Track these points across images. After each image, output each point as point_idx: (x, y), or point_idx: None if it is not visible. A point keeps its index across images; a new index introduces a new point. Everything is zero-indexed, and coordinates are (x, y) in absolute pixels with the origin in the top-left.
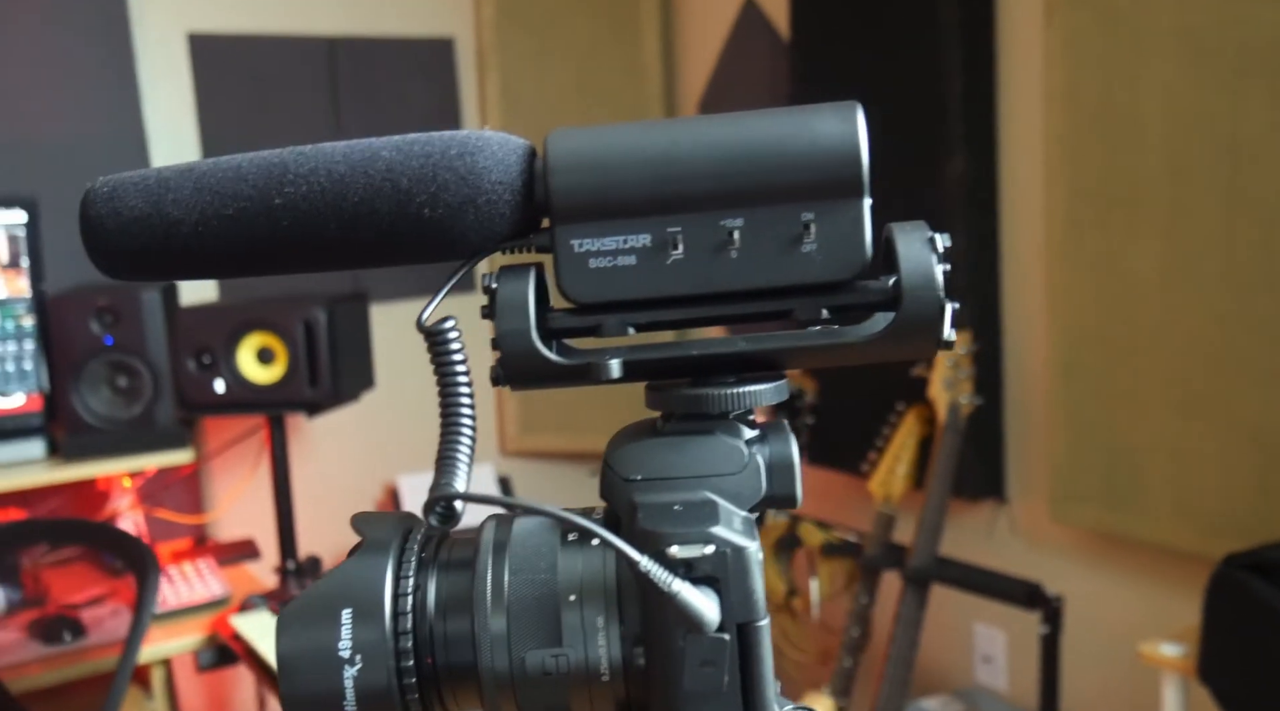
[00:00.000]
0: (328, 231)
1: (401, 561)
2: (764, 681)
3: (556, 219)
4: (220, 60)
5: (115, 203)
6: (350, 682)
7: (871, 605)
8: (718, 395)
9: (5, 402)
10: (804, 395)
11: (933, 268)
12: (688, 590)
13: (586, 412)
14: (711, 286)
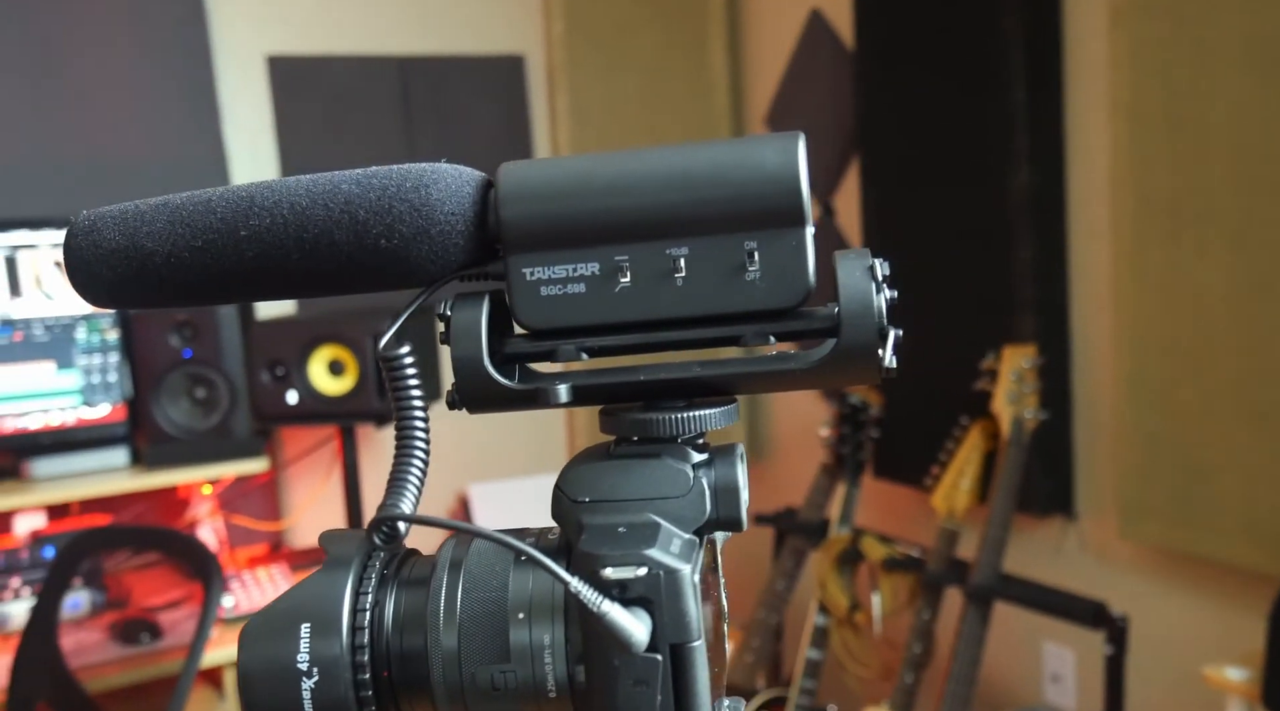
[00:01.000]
0: (290, 261)
1: (363, 578)
2: (698, 702)
3: (508, 248)
4: (297, 81)
5: (95, 235)
6: (308, 695)
7: (934, 621)
8: (663, 419)
9: (92, 413)
10: (868, 408)
11: (870, 295)
12: (617, 611)
13: None
14: (659, 313)
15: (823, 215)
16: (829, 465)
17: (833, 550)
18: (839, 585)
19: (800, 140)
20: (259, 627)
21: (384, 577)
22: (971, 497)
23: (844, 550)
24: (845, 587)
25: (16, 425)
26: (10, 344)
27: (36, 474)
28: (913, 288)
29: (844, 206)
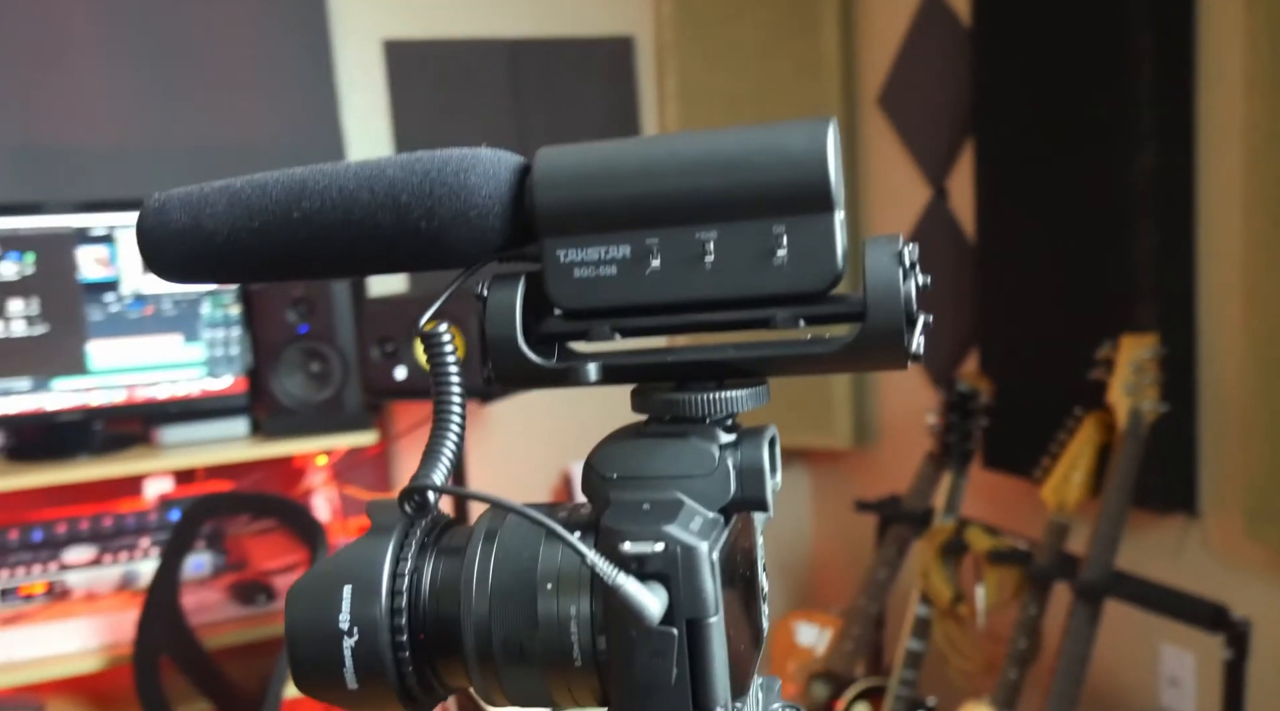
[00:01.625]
0: (338, 242)
1: (404, 544)
2: (713, 677)
3: (543, 231)
4: (412, 65)
5: (163, 216)
6: (348, 653)
7: (1041, 616)
8: (690, 400)
9: (215, 384)
10: (979, 396)
11: (896, 281)
12: (631, 584)
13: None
14: (688, 295)
15: (935, 198)
16: (935, 453)
17: (937, 539)
18: (942, 576)
19: (831, 125)
20: (305, 588)
21: (424, 545)
22: (1084, 491)
23: (948, 540)
24: (949, 578)
25: (147, 394)
26: (142, 317)
27: (165, 441)
28: (1027, 274)
29: (957, 189)
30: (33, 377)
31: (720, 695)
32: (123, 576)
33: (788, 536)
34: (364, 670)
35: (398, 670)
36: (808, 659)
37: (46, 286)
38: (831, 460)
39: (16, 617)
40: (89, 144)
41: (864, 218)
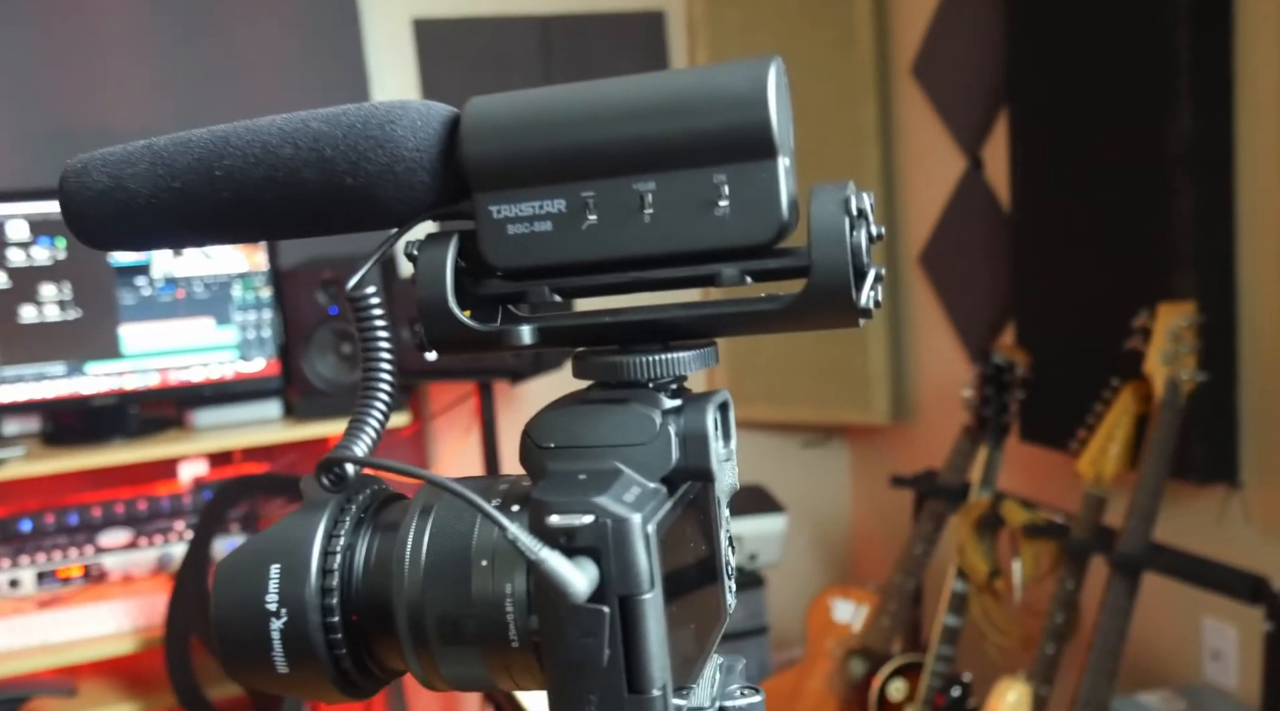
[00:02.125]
0: (263, 201)
1: (338, 520)
2: (648, 657)
3: (475, 186)
4: (442, 43)
5: (84, 177)
6: (277, 635)
7: (1078, 591)
8: (629, 363)
9: (248, 367)
10: (1014, 368)
11: (842, 230)
12: (555, 559)
13: (797, 383)
14: (627, 250)
15: (970, 168)
16: (971, 427)
17: (972, 514)
18: (978, 550)
19: (773, 65)
20: (232, 567)
21: (360, 521)
22: (1121, 463)
23: (984, 514)
24: (985, 553)
25: (180, 378)
26: (174, 301)
27: (199, 424)
28: (1063, 243)
29: (993, 159)
30: (67, 362)
31: (657, 676)
32: (158, 559)
33: (827, 513)
34: (294, 653)
35: (330, 653)
36: (845, 635)
37: (78, 271)
38: (869, 436)
39: (53, 600)
40: (119, 128)
41: (899, 189)
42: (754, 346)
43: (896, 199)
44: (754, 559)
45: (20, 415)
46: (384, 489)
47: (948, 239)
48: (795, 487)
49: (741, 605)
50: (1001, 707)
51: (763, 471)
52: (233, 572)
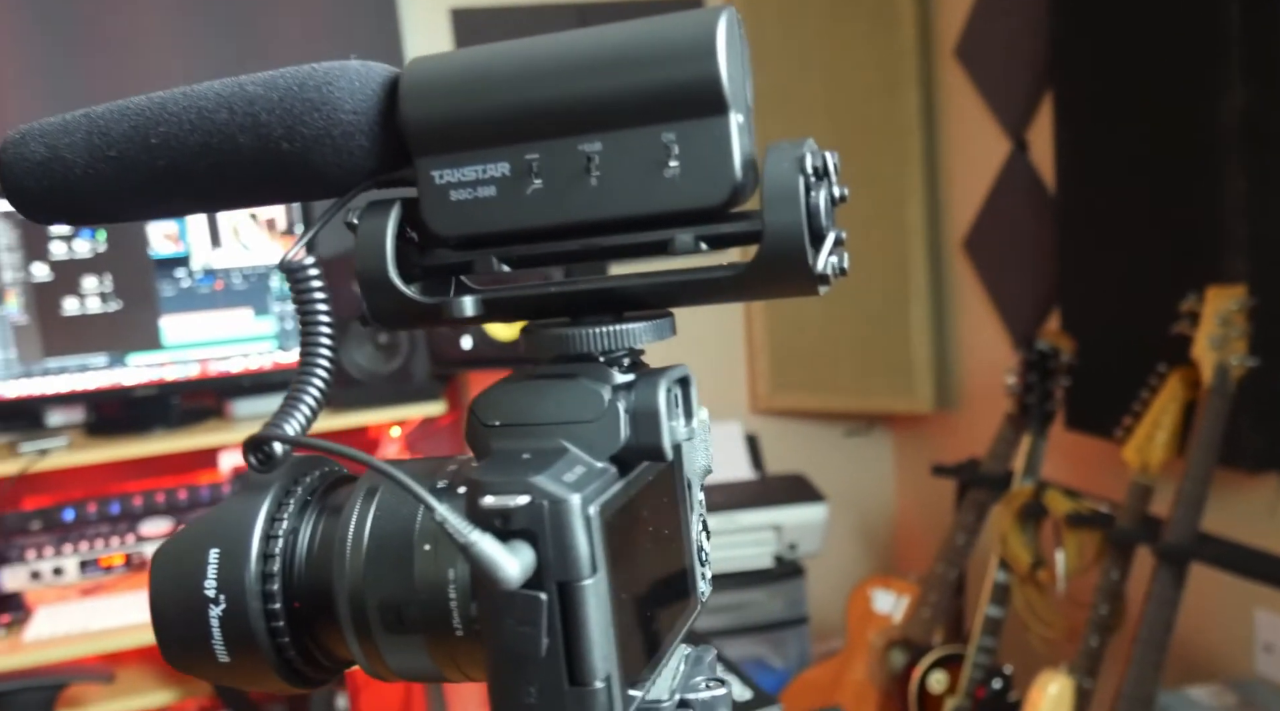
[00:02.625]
0: (199, 170)
1: (282, 503)
2: (589, 647)
3: (416, 150)
4: (479, 33)
5: (22, 148)
6: (216, 623)
7: (1123, 582)
8: (575, 335)
9: (286, 357)
10: (1059, 354)
11: (796, 190)
12: (486, 542)
13: (839, 371)
14: (574, 216)
15: (1015, 151)
16: (1014, 415)
17: (1014, 503)
18: (1021, 540)
19: (724, 15)
20: (170, 551)
21: (305, 504)
22: (1168, 451)
23: (1026, 504)
24: (1028, 543)
25: (220, 368)
26: (212, 292)
27: (238, 414)
28: (1110, 226)
29: (1038, 141)
30: (109, 353)
31: (599, 667)
32: None
33: (869, 503)
34: (234, 642)
35: (272, 641)
36: (885, 626)
37: (119, 263)
38: (913, 424)
39: (95, 588)
40: None
41: (942, 174)
42: (795, 333)
43: (940, 184)
44: (794, 548)
45: (64, 406)
46: (335, 471)
47: (992, 224)
48: (837, 477)
49: (781, 595)
50: (1043, 700)
51: (804, 460)
52: (171, 558)
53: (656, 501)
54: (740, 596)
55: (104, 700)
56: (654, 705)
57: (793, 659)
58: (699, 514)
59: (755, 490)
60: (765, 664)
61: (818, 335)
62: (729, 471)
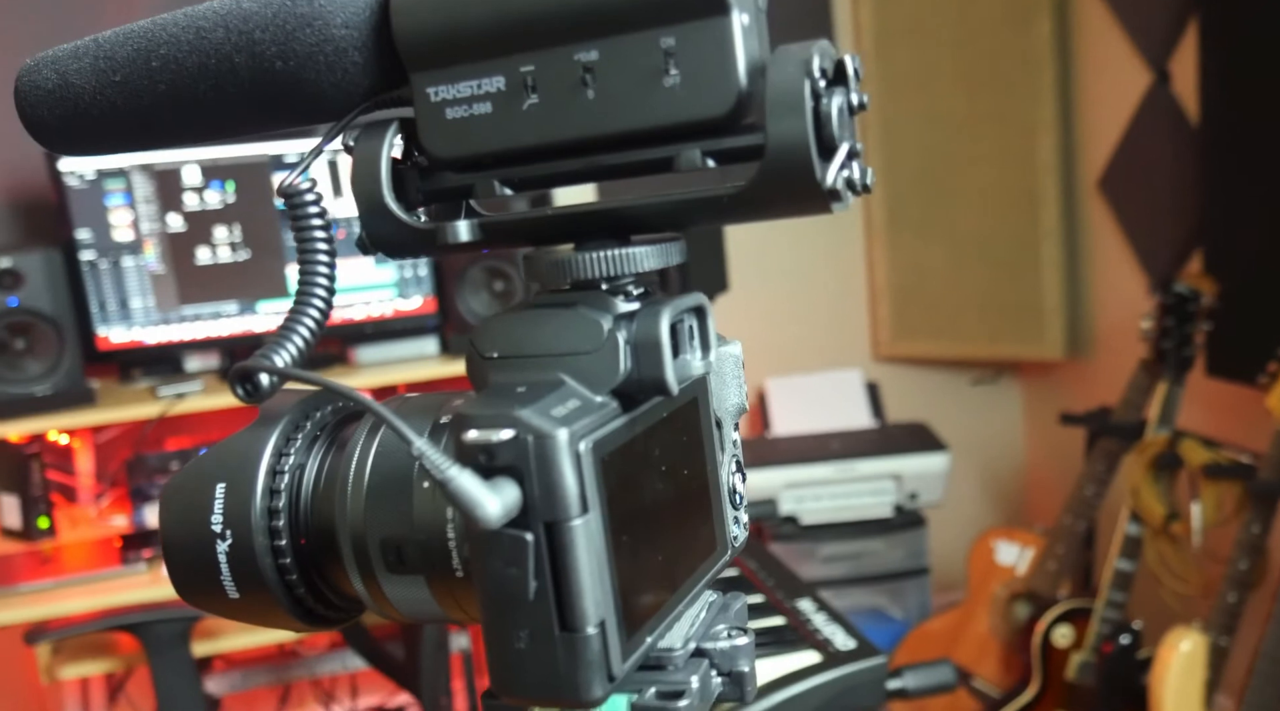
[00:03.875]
0: (199, 92)
1: (290, 437)
2: (579, 591)
3: (410, 65)
4: None
5: (35, 76)
6: (223, 558)
7: (1265, 535)
8: (573, 261)
9: (405, 305)
10: (1200, 298)
11: (801, 96)
12: (466, 479)
13: (965, 317)
14: (572, 133)
15: (1156, 82)
16: (1149, 361)
17: (1148, 453)
18: (1154, 492)
19: None
20: (179, 486)
21: (315, 438)
22: None
23: (1161, 454)
24: (1162, 495)
25: (343, 315)
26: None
27: (361, 360)
28: (1260, 162)
29: (1181, 72)
30: (239, 301)
31: (590, 612)
32: None
33: (996, 453)
34: (242, 578)
35: (280, 578)
36: (1009, 578)
37: (247, 213)
38: (1043, 372)
39: None
40: None
41: (1076, 110)
42: (918, 278)
43: (1074, 119)
44: (914, 498)
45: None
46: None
47: (1130, 161)
48: (962, 426)
49: (900, 545)
50: (1174, 657)
51: (927, 409)
52: (179, 491)
53: (672, 439)
54: (858, 546)
55: (235, 632)
56: (664, 653)
57: (912, 610)
58: (731, 454)
59: (874, 439)
60: (884, 614)
61: (942, 280)
62: (848, 419)
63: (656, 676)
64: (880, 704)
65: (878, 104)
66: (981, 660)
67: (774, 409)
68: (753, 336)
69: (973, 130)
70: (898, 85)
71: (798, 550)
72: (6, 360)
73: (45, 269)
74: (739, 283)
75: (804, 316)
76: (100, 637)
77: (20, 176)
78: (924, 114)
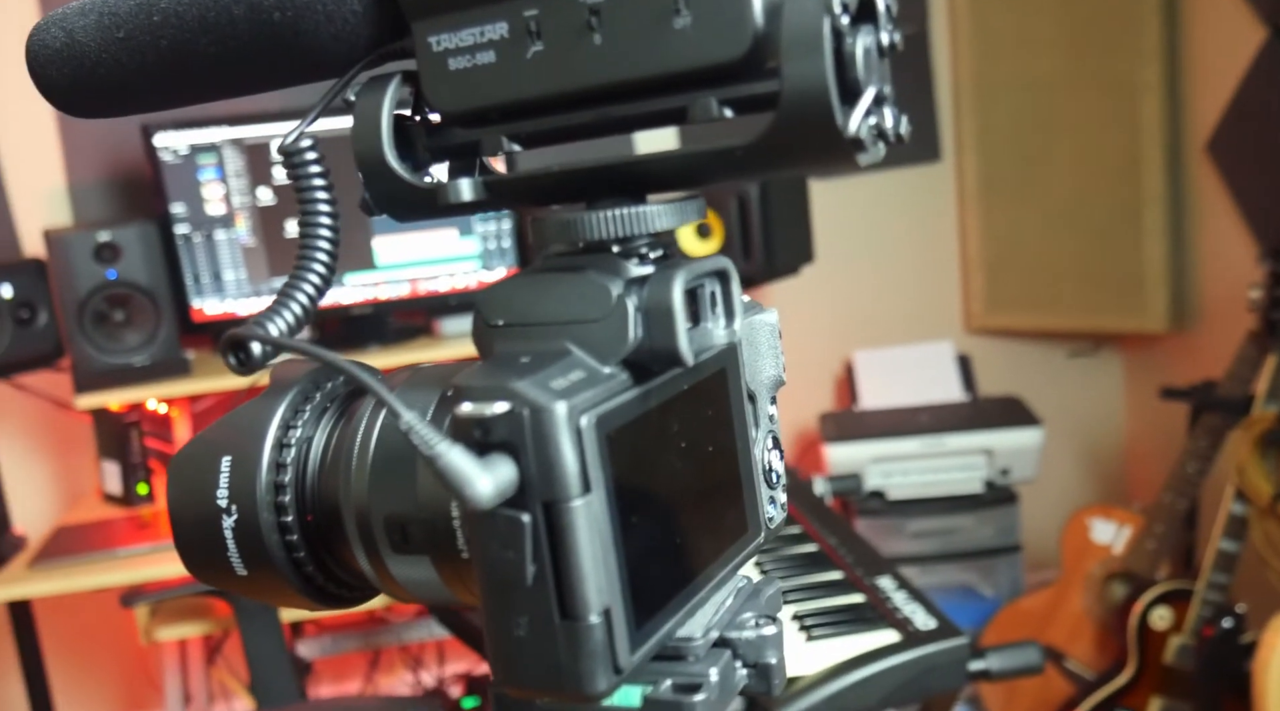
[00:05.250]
0: (202, 48)
1: (299, 409)
2: (580, 576)
3: (409, 11)
4: None
5: (44, 35)
6: (229, 534)
7: None
8: (581, 221)
9: (490, 276)
10: None
11: (818, 36)
12: (456, 455)
13: (1062, 287)
14: (579, 82)
15: (1271, 38)
16: (1258, 333)
17: (1255, 430)
18: (1261, 470)
19: None
20: (185, 459)
21: (324, 410)
22: None
23: (1269, 430)
24: (1270, 473)
25: (429, 287)
26: None
27: (446, 331)
28: None
29: None
30: None
31: (592, 599)
32: None
33: (1095, 429)
34: (249, 555)
35: (288, 556)
36: (1105, 557)
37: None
38: (1146, 345)
39: None
40: None
41: (1184, 68)
42: (1013, 247)
43: (1181, 79)
44: (1006, 474)
45: None
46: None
47: (1242, 122)
48: (1059, 401)
49: (991, 521)
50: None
51: (1022, 383)
52: (185, 464)
53: (694, 414)
54: (947, 521)
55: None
56: (683, 643)
57: (1004, 588)
58: (767, 430)
59: (965, 412)
60: (974, 591)
61: (1038, 248)
62: (938, 393)
63: (673, 667)
64: (961, 685)
65: (972, 66)
66: (1075, 640)
67: (862, 382)
68: (839, 308)
69: (1072, 93)
70: (993, 46)
71: (885, 525)
72: (106, 331)
73: (142, 242)
74: (824, 252)
75: (893, 287)
76: (196, 601)
77: (118, 153)
78: (1020, 76)
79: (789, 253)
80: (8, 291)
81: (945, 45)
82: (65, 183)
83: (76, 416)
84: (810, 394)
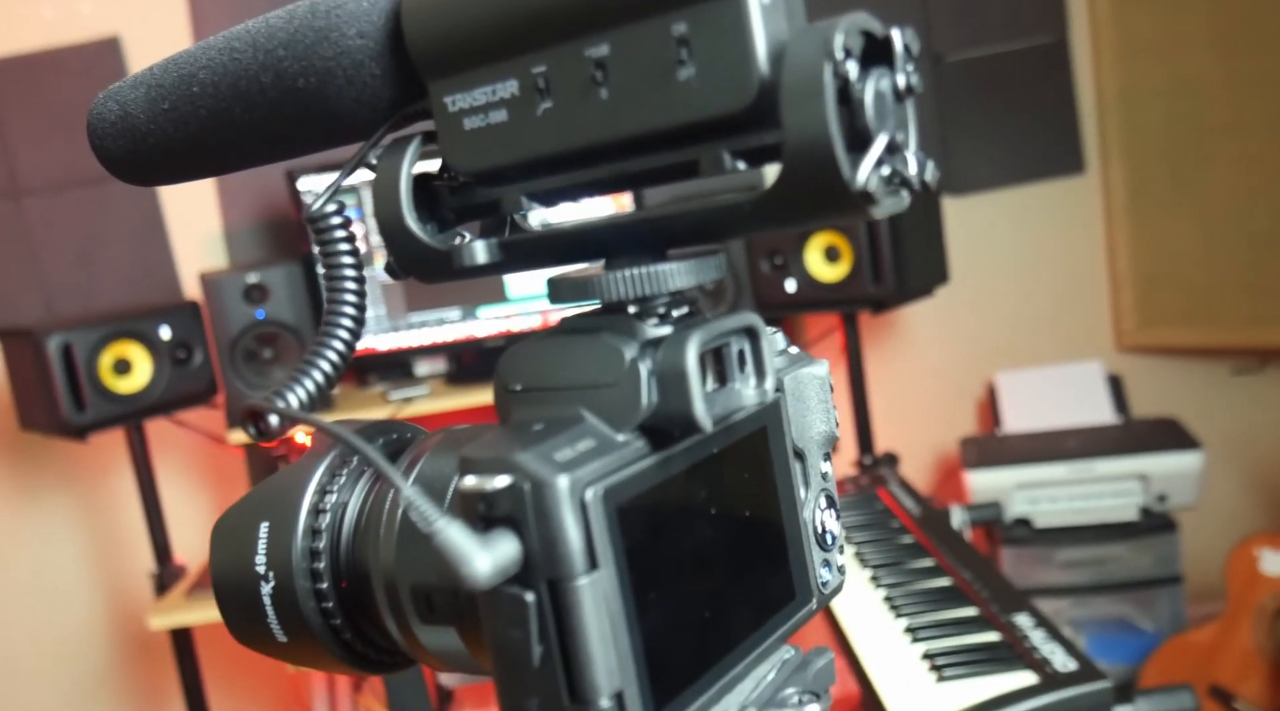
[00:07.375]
0: (237, 116)
1: (336, 473)
2: (587, 658)
3: (425, 73)
4: None
5: (102, 109)
6: (268, 601)
7: None
8: (595, 281)
9: None
10: None
11: (818, 84)
12: (454, 531)
13: (1223, 299)
14: (588, 138)
15: None
16: None
17: None
18: None
19: None
20: (227, 522)
21: (361, 473)
22: None
23: None
24: None
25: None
26: None
27: None
28: None
29: None
30: (462, 307)
31: (602, 683)
32: None
33: (1261, 451)
34: (288, 621)
35: (325, 622)
36: (1276, 589)
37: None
38: None
39: None
40: None
41: None
42: (1167, 259)
43: None
44: (1163, 500)
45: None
46: (404, 436)
47: None
48: (1221, 422)
49: (1149, 550)
50: None
51: (1179, 403)
52: (227, 530)
53: (728, 477)
54: (1099, 551)
55: None
56: None
57: (1164, 621)
58: (820, 489)
59: (1117, 436)
60: (1130, 624)
61: (1195, 260)
62: (1088, 415)
63: None
64: None
65: (1116, 73)
66: (1245, 678)
67: (1005, 405)
68: (980, 329)
69: (1227, 96)
70: (1138, 51)
71: (1032, 554)
72: (255, 368)
73: (288, 283)
74: (962, 272)
75: (1035, 306)
76: None
77: (267, 197)
78: (1170, 81)
79: (921, 274)
80: (166, 333)
81: (1086, 53)
82: (221, 227)
83: (231, 450)
84: (950, 418)
